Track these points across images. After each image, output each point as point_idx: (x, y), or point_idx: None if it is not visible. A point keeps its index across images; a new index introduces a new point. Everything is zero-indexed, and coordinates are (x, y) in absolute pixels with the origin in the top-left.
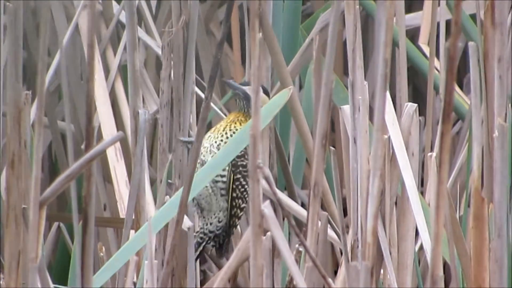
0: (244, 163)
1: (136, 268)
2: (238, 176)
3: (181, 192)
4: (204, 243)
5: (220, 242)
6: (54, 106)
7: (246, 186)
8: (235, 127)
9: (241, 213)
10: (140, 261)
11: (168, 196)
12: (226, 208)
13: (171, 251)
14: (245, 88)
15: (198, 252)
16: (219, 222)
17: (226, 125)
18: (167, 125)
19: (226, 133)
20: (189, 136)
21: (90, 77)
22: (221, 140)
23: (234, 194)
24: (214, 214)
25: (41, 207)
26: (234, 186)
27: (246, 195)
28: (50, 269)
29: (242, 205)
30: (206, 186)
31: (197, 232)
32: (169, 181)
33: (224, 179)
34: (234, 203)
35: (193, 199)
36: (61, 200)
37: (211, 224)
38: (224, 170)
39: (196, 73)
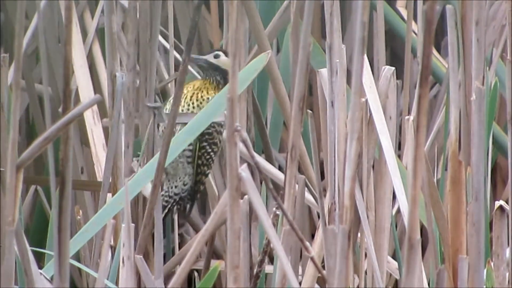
0: (210, 130)
1: (113, 232)
2: (204, 144)
3: (157, 156)
4: (169, 206)
5: (184, 205)
6: (31, 69)
7: (211, 154)
8: (202, 96)
9: (205, 178)
10: (117, 224)
11: (136, 160)
12: (192, 173)
13: (148, 215)
14: (206, 57)
15: (163, 215)
16: (185, 185)
17: (193, 93)
18: (133, 89)
19: (193, 103)
20: (155, 101)
21: (68, 40)
22: (187, 109)
23: (200, 161)
24: (180, 178)
25: (18, 170)
26: (200, 154)
27: (211, 162)
28: (28, 232)
29: (207, 171)
30: None
31: (162, 195)
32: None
33: (191, 147)
34: (199, 170)
35: None
36: (38, 163)
37: (176, 187)
38: None
39: (174, 37)
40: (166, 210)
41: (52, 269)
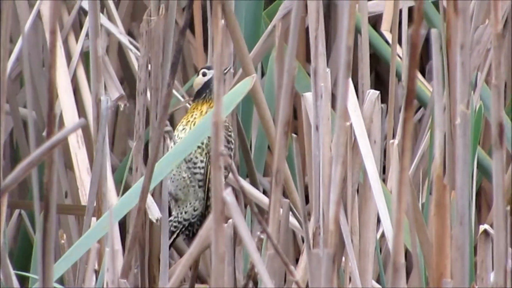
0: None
1: (98, 256)
2: None
3: (141, 180)
4: (178, 232)
5: (193, 232)
6: (15, 93)
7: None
8: None
9: None
10: (102, 249)
11: None
12: (203, 198)
13: (133, 239)
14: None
15: (171, 241)
16: (195, 210)
17: (201, 118)
18: (144, 113)
19: None
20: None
21: (52, 64)
22: None
23: (211, 185)
24: (190, 203)
25: (2, 195)
26: (211, 177)
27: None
28: (12, 256)
29: None
30: (184, 177)
31: (171, 220)
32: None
33: (202, 170)
34: (210, 194)
35: (169, 193)
36: (22, 187)
37: (186, 212)
38: (202, 162)
39: None
40: (174, 236)
41: None
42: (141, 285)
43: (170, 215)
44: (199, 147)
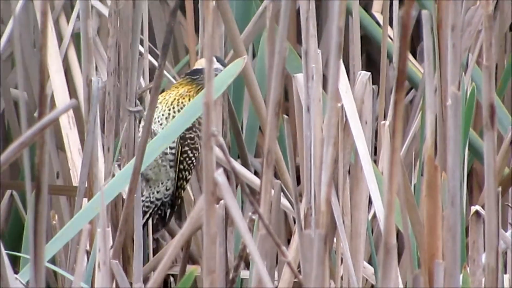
0: (192, 135)
1: (89, 237)
2: (186, 148)
3: (133, 161)
4: (151, 211)
5: (165, 211)
6: (7, 74)
7: (193, 159)
8: (183, 102)
9: (186, 184)
10: (93, 229)
11: (116, 164)
12: (174, 178)
13: (124, 220)
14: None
15: (144, 220)
16: (167, 190)
17: (175, 99)
18: (114, 92)
19: (173, 108)
20: (135, 105)
21: (43, 45)
22: (169, 114)
23: (182, 166)
24: (162, 183)
25: None
26: (181, 158)
27: (192, 167)
28: (3, 237)
29: (188, 177)
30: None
31: (143, 201)
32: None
33: (173, 151)
34: (181, 175)
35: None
36: (13, 168)
37: (158, 192)
38: (173, 142)
39: (150, 41)
40: (147, 216)
41: (28, 273)
42: None
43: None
44: (166, 117)
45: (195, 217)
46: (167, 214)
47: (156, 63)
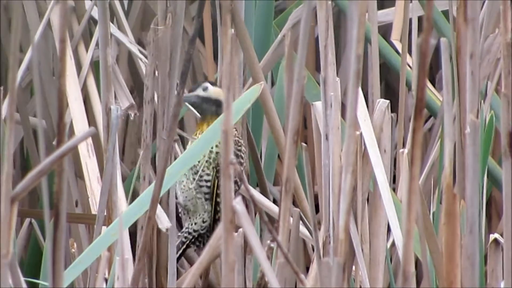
0: None
1: (108, 264)
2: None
3: (152, 186)
4: (188, 242)
5: (204, 243)
6: (26, 102)
7: None
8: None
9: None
10: (112, 257)
11: None
12: (210, 210)
13: (143, 248)
14: (195, 92)
15: (181, 251)
16: (204, 222)
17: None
18: (151, 121)
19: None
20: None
21: (62, 73)
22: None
23: (218, 199)
24: (199, 215)
25: (13, 203)
26: (218, 192)
27: None
28: (22, 265)
29: None
30: (190, 188)
31: (182, 232)
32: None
33: (209, 183)
34: (218, 208)
35: (179, 203)
36: (32, 196)
37: (195, 224)
38: (208, 175)
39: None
40: (184, 246)
41: None
42: None
43: (181, 227)
44: (206, 160)
45: (214, 245)
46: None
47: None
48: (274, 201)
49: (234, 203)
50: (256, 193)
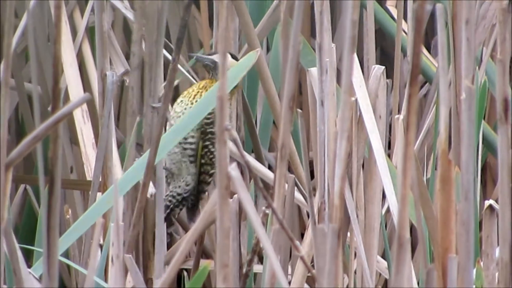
0: (213, 130)
1: (102, 231)
2: (207, 143)
3: (147, 154)
4: (172, 206)
5: (188, 206)
6: (21, 68)
7: (215, 153)
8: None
9: (210, 179)
10: (106, 223)
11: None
12: (195, 173)
13: (138, 214)
14: (213, 56)
15: (165, 215)
16: (187, 185)
17: (198, 92)
18: (138, 88)
19: (196, 101)
20: (159, 102)
21: (57, 39)
22: (191, 108)
23: (203, 161)
24: (183, 178)
25: (7, 169)
26: (203, 153)
27: (214, 161)
28: (17, 231)
29: (211, 171)
30: (176, 152)
31: (166, 195)
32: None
33: (193, 146)
34: (202, 169)
35: (165, 168)
36: (27, 162)
37: (179, 187)
38: (193, 137)
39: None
40: (168, 210)
41: (41, 268)
42: (135, 261)
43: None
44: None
45: (209, 211)
46: (193, 208)
47: (170, 57)
48: (269, 167)
49: (229, 169)
50: (251, 159)
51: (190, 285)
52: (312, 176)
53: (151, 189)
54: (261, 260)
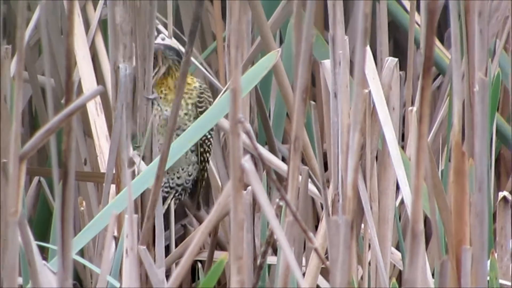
0: None
1: (117, 224)
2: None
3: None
4: (171, 197)
5: (187, 195)
6: (34, 61)
7: (211, 139)
8: (187, 88)
9: (208, 165)
10: (121, 216)
11: (135, 151)
12: (196, 161)
13: (152, 206)
14: (164, 42)
15: (166, 206)
16: (189, 175)
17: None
18: (131, 80)
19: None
20: (152, 93)
21: (70, 31)
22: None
23: (202, 149)
24: (183, 169)
25: (21, 161)
26: (201, 141)
27: (211, 147)
28: (31, 224)
29: (209, 157)
30: None
31: (161, 187)
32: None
33: None
34: (202, 158)
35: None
36: (41, 155)
37: (178, 178)
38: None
39: (177, 28)
40: (168, 201)
41: (56, 265)
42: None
43: None
44: (186, 113)
45: (223, 203)
46: (195, 196)
47: (183, 50)
48: (283, 159)
49: (242, 161)
50: (264, 151)
51: (207, 280)
52: (325, 168)
53: None
54: (275, 252)
